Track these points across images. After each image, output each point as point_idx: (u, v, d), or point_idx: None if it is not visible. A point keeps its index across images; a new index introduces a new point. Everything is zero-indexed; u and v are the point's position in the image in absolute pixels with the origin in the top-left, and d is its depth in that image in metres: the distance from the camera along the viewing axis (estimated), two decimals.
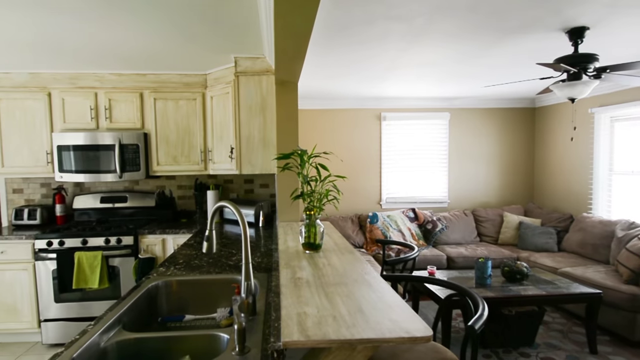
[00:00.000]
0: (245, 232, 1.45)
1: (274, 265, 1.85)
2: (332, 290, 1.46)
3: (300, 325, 1.19)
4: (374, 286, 1.49)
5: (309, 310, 1.29)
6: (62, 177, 3.34)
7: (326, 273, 1.65)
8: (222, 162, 3.27)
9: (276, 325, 1.23)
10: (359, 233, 4.74)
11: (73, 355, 1.13)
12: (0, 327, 3.18)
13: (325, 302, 1.35)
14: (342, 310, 1.28)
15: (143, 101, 3.42)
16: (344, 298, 1.38)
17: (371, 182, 5.20)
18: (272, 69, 2.89)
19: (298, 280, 1.57)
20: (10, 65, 3.16)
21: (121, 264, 3.14)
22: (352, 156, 5.16)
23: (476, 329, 1.40)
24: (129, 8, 2.03)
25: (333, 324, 1.18)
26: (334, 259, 1.81)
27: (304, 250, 1.90)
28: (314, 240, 1.86)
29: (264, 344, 1.23)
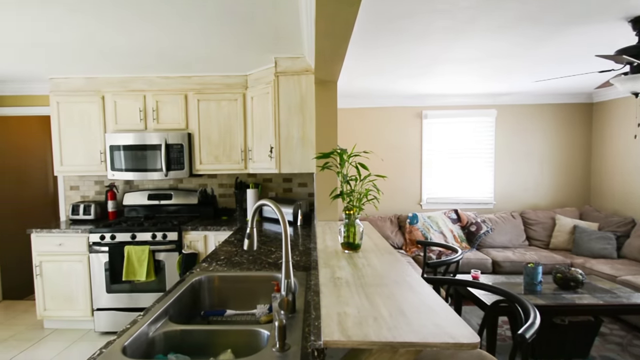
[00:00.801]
0: (286, 231, 1.46)
1: (312, 264, 1.85)
2: (372, 291, 1.43)
3: (340, 325, 1.17)
4: (416, 288, 1.45)
5: (349, 310, 1.27)
6: (114, 175, 3.54)
7: (366, 273, 1.62)
8: (262, 161, 3.33)
9: (316, 324, 1.22)
10: (398, 234, 4.64)
11: (125, 343, 1.18)
12: (58, 314, 3.42)
13: (365, 303, 1.32)
14: (383, 311, 1.25)
15: (187, 102, 3.55)
16: (384, 299, 1.35)
17: (411, 182, 5.07)
18: (311, 69, 2.90)
19: (337, 280, 1.56)
20: (69, 71, 3.39)
21: (166, 258, 3.28)
22: (391, 155, 5.06)
23: (527, 338, 1.32)
24: (177, 15, 2.11)
25: (374, 325, 1.16)
26: (373, 260, 1.78)
27: (343, 249, 1.88)
28: (354, 240, 1.84)
29: (303, 342, 1.23)
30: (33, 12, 2.07)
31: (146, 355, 1.29)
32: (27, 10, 2.04)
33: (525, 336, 1.32)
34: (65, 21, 2.20)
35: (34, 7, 2.01)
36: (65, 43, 2.60)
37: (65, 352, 3.07)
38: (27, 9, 2.03)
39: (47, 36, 2.45)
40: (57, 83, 3.59)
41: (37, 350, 3.12)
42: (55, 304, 3.41)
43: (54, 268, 3.39)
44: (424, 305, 1.30)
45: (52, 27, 2.30)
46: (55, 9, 2.03)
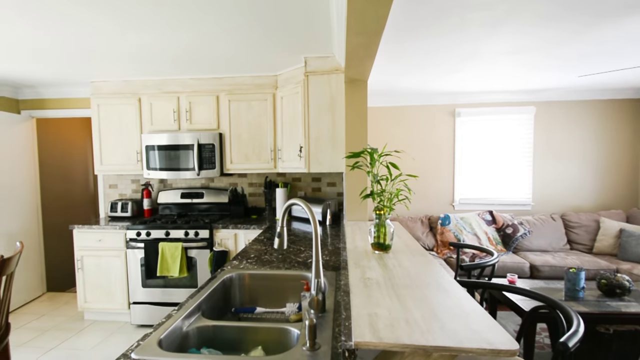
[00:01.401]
0: (316, 230, 1.45)
1: (342, 264, 1.83)
2: (403, 293, 1.40)
3: (371, 326, 1.15)
4: (449, 291, 1.40)
5: (380, 311, 1.25)
6: (149, 174, 3.67)
7: (397, 275, 1.59)
8: (291, 161, 3.35)
9: (347, 325, 1.21)
10: (429, 235, 4.53)
11: (160, 336, 1.21)
12: (97, 307, 3.58)
13: (396, 305, 1.30)
14: (415, 314, 1.22)
15: (219, 103, 3.62)
16: (416, 302, 1.32)
17: (443, 182, 4.94)
18: (341, 68, 2.89)
19: (368, 281, 1.54)
20: (108, 74, 3.54)
21: (198, 255, 3.36)
22: (422, 154, 4.94)
23: (570, 347, 1.24)
24: (209, 19, 2.15)
25: (406, 328, 1.13)
26: (404, 261, 1.74)
27: (373, 250, 1.86)
28: (384, 240, 1.81)
29: (334, 342, 1.22)
30: (75, 20, 2.17)
31: (180, 348, 1.32)
32: (69, 18, 2.14)
33: (568, 345, 1.25)
34: (104, 28, 2.30)
35: (75, 16, 2.11)
36: (104, 48, 2.72)
37: (103, 343, 3.21)
38: (69, 17, 2.13)
39: (87, 42, 2.57)
40: (98, 86, 3.76)
41: (78, 340, 3.28)
42: (94, 296, 3.57)
43: (93, 262, 3.55)
44: (458, 308, 1.26)
45: (92, 33, 2.41)
46: (95, 17, 2.12)
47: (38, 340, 3.28)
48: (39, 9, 2.03)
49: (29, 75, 3.54)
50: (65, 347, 3.15)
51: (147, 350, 1.13)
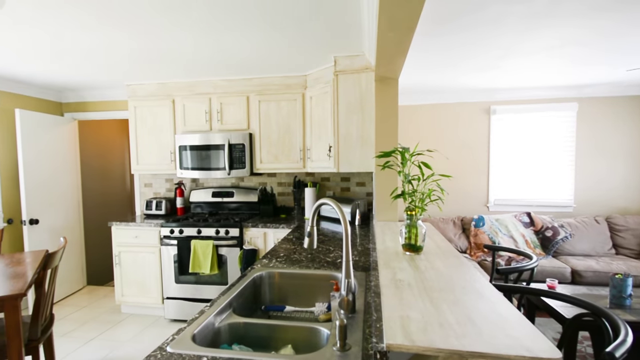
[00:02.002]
0: (347, 231, 1.44)
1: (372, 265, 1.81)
2: (437, 296, 1.36)
3: (403, 328, 1.13)
4: (485, 296, 1.35)
5: (413, 314, 1.22)
6: (182, 174, 3.78)
7: (429, 277, 1.55)
8: (320, 160, 3.35)
9: (378, 326, 1.19)
10: (462, 237, 4.41)
11: (194, 331, 1.24)
12: (134, 301, 3.72)
13: (430, 308, 1.26)
14: (449, 318, 1.18)
15: (249, 103, 3.67)
16: (450, 305, 1.28)
17: (477, 182, 4.77)
18: (371, 66, 2.85)
19: (399, 282, 1.50)
20: (144, 77, 3.67)
21: (228, 253, 3.42)
22: (455, 154, 4.79)
23: (617, 357, 1.17)
24: (241, 20, 2.18)
25: (440, 332, 1.09)
26: (437, 263, 1.70)
27: (404, 251, 1.82)
28: (415, 241, 1.77)
29: (364, 343, 1.20)
30: (113, 24, 2.26)
31: (212, 344, 1.35)
32: (105, 27, 2.24)
33: (614, 355, 1.17)
34: (140, 33, 2.38)
35: (110, 25, 2.20)
36: (140, 52, 2.81)
37: (139, 336, 3.33)
38: (105, 27, 2.22)
39: (123, 46, 2.67)
40: (134, 89, 3.91)
41: (115, 332, 3.42)
42: (131, 290, 3.71)
43: (130, 258, 3.69)
44: (495, 313, 1.21)
45: (128, 38, 2.50)
46: (130, 24, 2.20)
47: (79, 331, 3.45)
48: (85, 15, 2.13)
49: (73, 79, 3.73)
50: (104, 338, 3.30)
51: (182, 344, 1.16)
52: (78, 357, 2.99)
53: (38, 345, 2.04)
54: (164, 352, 1.12)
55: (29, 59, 2.99)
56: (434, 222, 4.50)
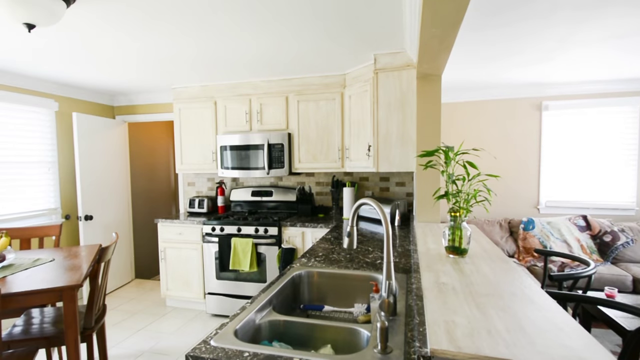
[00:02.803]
0: (388, 231, 1.41)
1: (413, 267, 1.76)
2: (483, 301, 1.29)
3: (448, 333, 1.08)
4: (538, 303, 1.27)
5: (458, 319, 1.17)
6: (223, 173, 3.88)
7: (475, 281, 1.48)
8: (359, 160, 3.31)
9: (421, 330, 1.15)
10: (509, 240, 4.19)
11: (236, 327, 1.26)
12: (177, 295, 3.87)
13: (476, 313, 1.20)
14: (497, 325, 1.12)
15: (288, 104, 3.71)
16: (499, 312, 1.21)
17: (526, 183, 4.49)
18: (413, 63, 2.79)
19: (442, 286, 1.45)
20: (188, 80, 3.82)
21: (266, 251, 3.47)
22: (502, 152, 4.55)
23: None
24: (282, 22, 2.20)
25: (488, 339, 1.04)
26: (483, 267, 1.62)
27: (447, 254, 1.75)
28: (459, 244, 1.70)
29: (406, 347, 1.16)
30: (161, 30, 2.36)
31: (253, 339, 1.36)
32: (150, 33, 2.34)
33: None
34: (184, 38, 2.47)
35: (155, 32, 2.29)
36: (184, 57, 2.92)
37: (182, 328, 3.46)
38: (151, 33, 2.33)
39: (170, 51, 2.78)
40: (179, 92, 4.07)
41: (161, 324, 3.58)
42: (175, 285, 3.87)
43: (174, 254, 3.85)
44: (549, 322, 1.13)
45: (173, 44, 2.60)
46: (176, 30, 2.29)
47: (128, 322, 3.64)
48: (139, 23, 2.24)
49: (124, 84, 3.94)
50: (150, 330, 3.46)
51: (225, 339, 1.18)
52: (127, 347, 3.15)
53: (92, 334, 2.17)
54: (208, 346, 1.15)
55: (86, 66, 3.19)
56: (479, 224, 4.31)
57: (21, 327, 2.14)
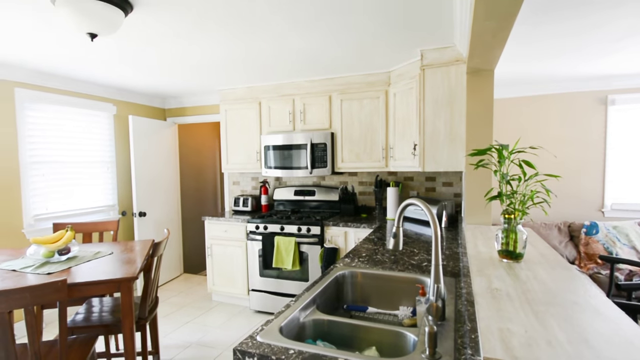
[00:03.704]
0: (437, 233, 1.36)
1: (463, 271, 1.68)
2: (542, 310, 1.21)
3: (503, 342, 1.02)
4: (604, 314, 1.16)
5: (514, 327, 1.09)
6: (267, 173, 3.96)
7: (532, 288, 1.38)
8: (404, 159, 3.24)
9: (472, 337, 1.09)
10: (569, 245, 3.90)
11: (281, 324, 1.27)
12: (223, 290, 4.00)
13: (534, 322, 1.12)
14: (558, 335, 1.04)
15: (331, 103, 3.71)
16: (560, 321, 1.12)
17: (589, 183, 4.13)
18: (463, 58, 2.67)
19: (495, 292, 1.37)
20: (235, 82, 3.93)
21: (309, 250, 3.49)
22: (561, 151, 4.22)
23: None
24: (326, 21, 2.20)
25: (548, 350, 0.96)
26: (541, 273, 1.51)
27: (500, 258, 1.66)
28: (514, 248, 1.60)
29: (456, 353, 1.11)
30: (211, 35, 2.44)
31: (297, 337, 1.37)
32: (204, 37, 2.42)
33: None
34: (235, 41, 2.54)
35: (206, 38, 2.37)
36: (235, 59, 3.00)
37: (227, 323, 3.56)
38: (201, 39, 2.41)
39: (222, 54, 2.87)
40: (225, 93, 4.20)
41: (207, 317, 3.71)
42: (220, 280, 4.00)
43: (220, 251, 3.98)
44: (617, 335, 1.03)
45: (226, 47, 2.68)
46: (228, 33, 2.35)
47: (177, 314, 3.81)
48: (192, 28, 2.34)
49: (176, 87, 4.14)
50: (197, 323, 3.60)
51: (270, 335, 1.19)
52: (176, 338, 3.30)
53: (145, 324, 2.29)
54: (254, 341, 1.16)
55: (142, 71, 3.38)
56: (535, 227, 4.04)
57: (83, 315, 2.31)
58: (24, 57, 2.96)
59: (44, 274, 2.03)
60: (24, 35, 2.45)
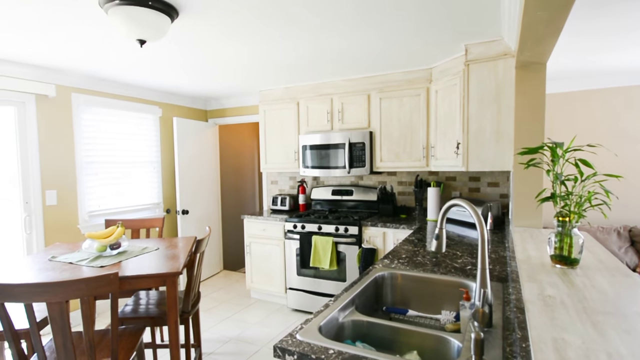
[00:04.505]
0: (484, 235, 1.30)
1: (511, 276, 1.59)
2: (601, 320, 1.11)
3: (558, 352, 0.95)
4: None
5: (569, 337, 1.02)
6: (304, 172, 3.97)
7: (589, 296, 1.28)
8: (446, 159, 3.13)
9: (523, 346, 1.03)
10: (630, 251, 3.60)
11: (320, 323, 1.26)
12: (261, 287, 4.06)
13: (592, 333, 1.04)
14: (620, 349, 0.95)
15: (370, 102, 3.66)
16: (622, 333, 1.03)
17: None
18: (511, 52, 2.54)
19: (548, 299, 1.28)
20: (274, 83, 3.98)
21: (346, 250, 3.46)
22: (621, 149, 3.90)
23: None
24: (368, 20, 2.17)
25: None
26: (599, 280, 1.40)
27: (553, 263, 1.55)
28: (569, 253, 1.49)
29: None
30: (254, 38, 2.48)
31: (336, 337, 1.35)
32: (244, 41, 2.47)
33: None
34: (282, 42, 2.57)
35: (248, 41, 2.41)
36: (278, 60, 3.04)
37: (265, 320, 3.62)
38: (244, 42, 2.45)
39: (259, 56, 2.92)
40: (265, 94, 4.27)
41: (246, 314, 3.79)
42: (258, 278, 4.07)
43: (258, 249, 4.05)
44: None
45: (268, 48, 2.72)
46: (274, 33, 2.39)
47: (217, 309, 3.92)
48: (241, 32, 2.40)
49: (218, 89, 4.26)
50: (236, 318, 3.68)
51: (309, 334, 1.18)
52: (216, 332, 3.39)
53: (188, 317, 2.37)
54: (294, 339, 1.16)
55: (188, 74, 3.51)
56: (591, 231, 3.77)
57: (131, 307, 2.43)
58: (80, 64, 3.17)
59: (97, 267, 2.16)
60: (80, 44, 2.61)
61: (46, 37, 2.48)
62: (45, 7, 2.03)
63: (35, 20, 2.19)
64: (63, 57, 2.96)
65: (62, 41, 2.57)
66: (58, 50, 2.79)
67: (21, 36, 2.47)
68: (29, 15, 2.12)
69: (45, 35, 2.46)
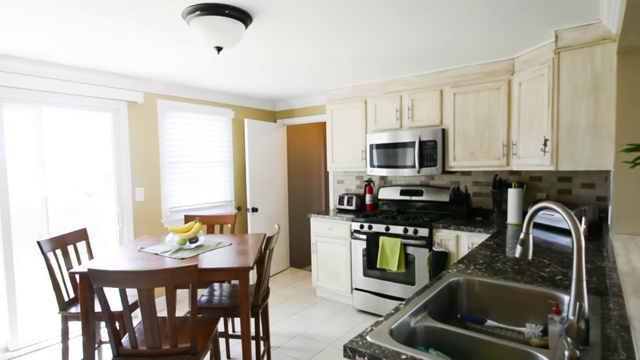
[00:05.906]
0: (580, 243, 1.16)
1: (612, 289, 1.39)
2: None
3: None
4: None
5: None
6: (372, 171, 3.91)
7: None
8: (530, 157, 2.85)
9: None
10: None
11: (391, 326, 1.21)
12: (326, 286, 4.08)
13: None
14: None
15: (442, 98, 3.48)
16: None
17: None
18: (612, 36, 2.23)
19: None
20: (341, 82, 3.97)
21: (415, 252, 3.33)
22: None
23: None
24: (440, 12, 2.05)
25: None
26: None
27: None
28: None
29: None
30: (322, 37, 2.49)
31: (407, 342, 1.29)
32: (311, 42, 2.48)
33: None
34: (350, 40, 2.55)
35: (315, 43, 2.42)
36: (347, 57, 3.02)
37: (330, 319, 3.62)
38: (309, 44, 2.46)
39: (328, 56, 2.92)
40: (332, 94, 4.28)
41: (311, 311, 3.83)
42: (324, 277, 4.09)
43: (325, 247, 4.07)
44: None
45: (338, 47, 2.72)
46: (345, 31, 2.37)
47: (284, 305, 4.02)
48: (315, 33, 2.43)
49: (287, 90, 4.37)
50: (302, 315, 3.74)
51: (380, 337, 1.14)
52: (283, 327, 3.47)
53: (258, 311, 2.45)
54: (364, 341, 1.13)
55: (260, 78, 3.66)
56: None
57: (206, 297, 2.57)
58: (164, 73, 3.47)
59: (178, 258, 2.33)
60: (164, 55, 2.85)
61: (143, 55, 2.81)
62: (145, 37, 2.25)
63: (139, 46, 2.43)
64: (152, 68, 3.28)
65: (153, 57, 2.90)
66: (150, 64, 3.14)
67: (122, 57, 2.87)
68: (132, 44, 2.36)
69: (141, 54, 2.81)
